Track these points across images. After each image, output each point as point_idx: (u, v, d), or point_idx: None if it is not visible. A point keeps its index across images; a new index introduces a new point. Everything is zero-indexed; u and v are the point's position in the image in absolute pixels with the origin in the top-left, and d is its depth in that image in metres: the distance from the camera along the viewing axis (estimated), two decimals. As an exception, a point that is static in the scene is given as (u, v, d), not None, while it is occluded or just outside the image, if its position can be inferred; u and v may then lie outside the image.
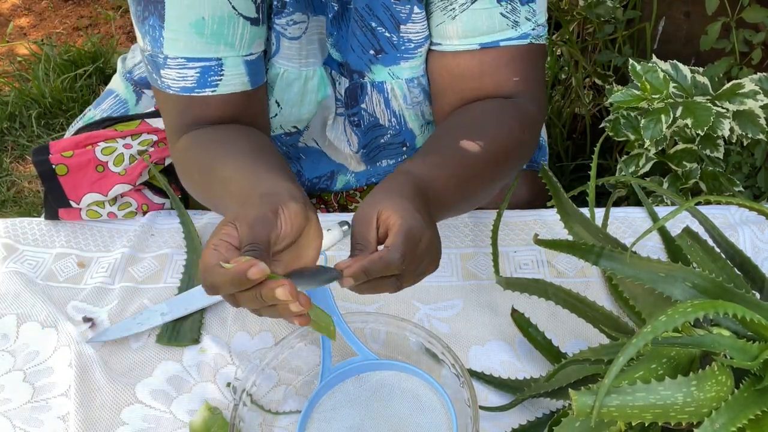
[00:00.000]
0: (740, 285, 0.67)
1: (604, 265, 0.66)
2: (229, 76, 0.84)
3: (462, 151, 0.79)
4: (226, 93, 0.84)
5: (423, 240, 0.66)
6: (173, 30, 0.80)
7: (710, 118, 1.12)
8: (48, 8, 2.81)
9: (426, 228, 0.66)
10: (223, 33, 0.81)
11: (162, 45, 0.81)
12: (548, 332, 0.82)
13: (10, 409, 0.79)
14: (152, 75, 0.86)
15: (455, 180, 0.77)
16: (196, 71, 0.82)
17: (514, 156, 0.85)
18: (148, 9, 0.80)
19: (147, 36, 0.82)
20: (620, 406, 0.52)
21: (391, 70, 0.94)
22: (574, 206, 0.79)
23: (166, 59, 0.82)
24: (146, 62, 0.86)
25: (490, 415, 0.77)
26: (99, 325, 0.88)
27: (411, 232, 0.64)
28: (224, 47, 0.82)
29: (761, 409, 0.54)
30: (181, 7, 0.79)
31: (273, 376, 0.78)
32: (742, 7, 1.39)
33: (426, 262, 0.67)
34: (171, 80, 0.83)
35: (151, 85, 0.88)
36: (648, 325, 0.52)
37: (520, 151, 0.87)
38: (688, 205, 0.60)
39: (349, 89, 0.97)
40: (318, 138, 1.04)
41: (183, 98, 0.84)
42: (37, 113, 2.27)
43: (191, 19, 0.79)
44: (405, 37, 0.90)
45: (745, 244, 0.92)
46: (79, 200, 0.97)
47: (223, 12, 0.80)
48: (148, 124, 1.03)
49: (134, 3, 0.82)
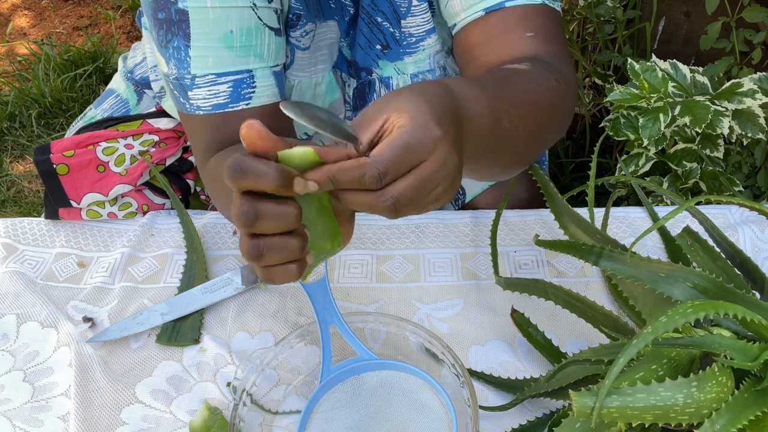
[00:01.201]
0: (740, 285, 0.67)
1: (604, 265, 0.66)
2: (261, 88, 0.82)
3: (501, 83, 0.70)
4: (259, 105, 0.82)
5: (433, 159, 0.54)
6: (201, 47, 0.79)
7: (708, 115, 1.12)
8: (48, 8, 2.81)
9: (440, 144, 0.54)
10: (252, 44, 0.80)
11: (189, 65, 0.80)
12: (548, 332, 0.82)
13: (10, 409, 0.79)
14: (179, 99, 0.83)
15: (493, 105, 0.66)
16: (228, 86, 0.81)
17: (554, 105, 0.76)
18: (171, 31, 0.79)
19: (172, 59, 0.80)
20: (620, 407, 0.52)
21: (397, 66, 0.94)
22: (568, 206, 0.79)
23: (194, 79, 0.80)
24: (171, 88, 0.83)
25: (490, 415, 0.77)
26: (99, 325, 0.88)
27: (410, 146, 0.53)
28: (254, 58, 0.81)
29: (761, 409, 0.54)
30: (208, 23, 0.77)
31: (273, 376, 0.78)
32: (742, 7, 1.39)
33: (440, 188, 0.56)
34: (201, 100, 0.81)
35: (178, 112, 0.86)
36: (648, 325, 0.52)
37: (559, 101, 0.77)
38: (688, 205, 0.60)
39: (357, 89, 0.97)
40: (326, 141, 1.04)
41: (214, 116, 0.82)
42: (37, 113, 2.28)
43: (219, 34, 0.78)
44: (406, 32, 0.90)
45: (745, 244, 0.92)
46: (80, 200, 0.97)
47: (251, 23, 0.79)
48: (149, 125, 1.03)
49: (155, 29, 0.80)
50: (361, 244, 0.97)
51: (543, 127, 0.75)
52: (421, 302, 0.89)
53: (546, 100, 0.74)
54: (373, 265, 0.94)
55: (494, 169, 0.76)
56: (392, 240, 0.97)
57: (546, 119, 0.75)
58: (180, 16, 0.77)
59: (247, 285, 0.90)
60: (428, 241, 0.97)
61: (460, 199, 1.13)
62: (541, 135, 0.76)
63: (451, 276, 0.92)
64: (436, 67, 0.96)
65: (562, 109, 0.78)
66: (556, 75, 0.77)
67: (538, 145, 0.77)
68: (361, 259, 0.95)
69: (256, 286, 0.91)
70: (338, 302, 0.79)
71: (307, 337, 0.79)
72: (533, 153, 0.77)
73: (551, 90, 0.75)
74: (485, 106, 0.64)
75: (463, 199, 1.13)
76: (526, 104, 0.71)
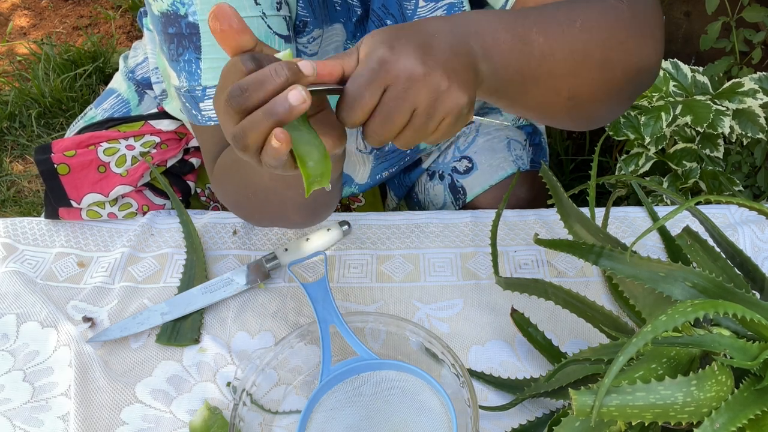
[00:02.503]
0: (740, 285, 0.67)
1: (604, 264, 0.66)
2: None
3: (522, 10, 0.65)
4: None
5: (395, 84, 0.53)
6: (212, 59, 0.79)
7: (710, 114, 1.12)
8: (48, 8, 2.81)
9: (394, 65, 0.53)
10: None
11: (200, 77, 0.80)
12: (548, 332, 0.82)
13: (10, 408, 0.80)
14: (191, 111, 0.84)
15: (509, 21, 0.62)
16: None
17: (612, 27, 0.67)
18: (182, 45, 0.79)
19: (183, 72, 0.81)
20: (620, 406, 0.52)
21: None
22: (574, 206, 0.79)
23: (205, 90, 0.81)
24: (183, 100, 0.84)
25: (490, 415, 0.77)
26: (99, 324, 0.88)
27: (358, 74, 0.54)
28: None
29: (761, 408, 0.54)
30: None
31: (273, 375, 0.78)
32: (742, 7, 1.39)
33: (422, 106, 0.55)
34: (212, 111, 0.82)
35: (189, 123, 0.86)
36: (648, 324, 0.52)
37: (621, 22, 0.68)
38: (688, 205, 0.60)
39: None
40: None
41: None
42: (37, 113, 2.28)
43: None
44: None
45: (745, 243, 0.92)
46: (80, 200, 0.97)
47: (260, 32, 0.80)
48: (151, 126, 1.03)
49: (166, 44, 0.81)
50: (361, 244, 0.97)
51: (603, 52, 0.66)
52: (421, 302, 0.89)
53: (596, 19, 0.66)
54: (373, 265, 0.94)
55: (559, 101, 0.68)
56: (392, 240, 0.97)
57: (603, 42, 0.66)
58: (191, 29, 0.78)
59: (249, 284, 0.90)
60: (428, 240, 0.97)
61: (461, 199, 1.13)
62: (607, 61, 0.67)
63: (451, 276, 0.92)
64: None
65: (629, 29, 0.68)
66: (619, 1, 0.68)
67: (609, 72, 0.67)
68: (361, 259, 0.95)
69: (256, 286, 0.91)
70: (338, 302, 0.79)
71: (307, 337, 0.79)
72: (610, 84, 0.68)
73: (607, 10, 0.66)
74: (498, 22, 0.61)
75: (464, 199, 1.13)
76: (563, 23, 0.64)
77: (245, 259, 0.95)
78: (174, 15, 0.77)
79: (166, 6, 0.77)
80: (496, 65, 0.60)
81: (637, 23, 0.69)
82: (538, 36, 0.62)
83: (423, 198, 1.16)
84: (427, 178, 1.13)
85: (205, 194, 1.16)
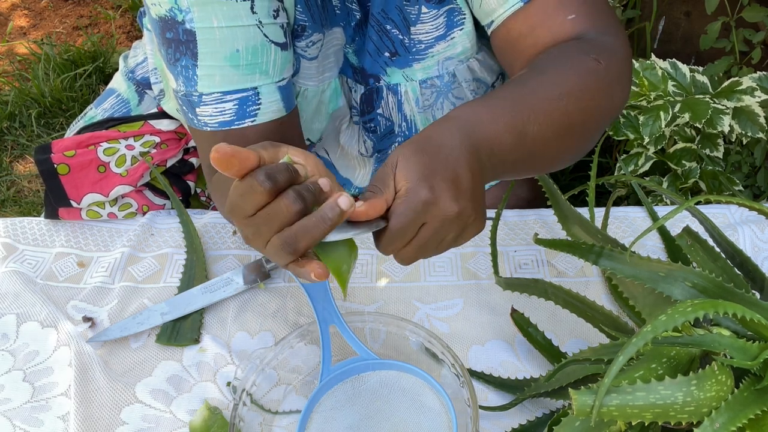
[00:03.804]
0: (740, 285, 0.67)
1: (603, 264, 0.66)
2: (266, 104, 0.82)
3: (517, 87, 0.70)
4: (264, 122, 0.83)
5: (430, 223, 0.59)
6: (208, 66, 0.79)
7: (708, 111, 1.12)
8: (48, 8, 2.81)
9: (433, 206, 0.59)
10: (258, 62, 0.80)
11: (196, 83, 0.80)
12: (548, 332, 0.82)
13: (10, 408, 0.80)
14: (187, 115, 0.84)
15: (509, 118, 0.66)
16: (234, 104, 0.81)
17: (592, 89, 0.73)
18: (179, 50, 0.79)
19: (180, 77, 0.81)
20: (620, 406, 0.52)
21: (405, 73, 0.94)
22: (572, 208, 0.79)
23: (201, 96, 0.81)
24: (180, 102, 0.84)
25: (490, 415, 0.77)
26: (99, 324, 0.88)
27: (405, 226, 0.59)
28: (260, 75, 0.81)
29: (761, 408, 0.54)
30: (215, 42, 0.78)
31: (273, 375, 0.78)
32: (742, 7, 1.39)
33: (451, 235, 0.61)
34: (208, 117, 0.82)
35: (187, 125, 0.86)
36: (648, 324, 0.52)
37: (599, 83, 0.73)
38: (688, 205, 0.60)
39: (364, 95, 0.97)
40: (330, 147, 1.04)
41: (221, 133, 0.82)
42: (37, 113, 2.28)
43: (226, 53, 0.78)
44: (415, 39, 0.91)
45: (745, 243, 0.92)
46: (80, 200, 0.97)
47: (256, 41, 0.79)
48: (151, 126, 1.03)
49: (164, 47, 0.81)
50: (361, 243, 0.97)
51: (582, 117, 0.72)
52: (421, 302, 0.89)
53: (579, 88, 0.71)
54: (373, 265, 0.94)
55: (540, 169, 0.75)
56: (392, 240, 0.97)
57: (583, 108, 0.72)
58: (187, 36, 0.78)
59: (248, 284, 0.90)
60: (428, 240, 0.97)
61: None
62: (584, 123, 0.73)
63: (451, 276, 0.92)
64: (444, 73, 0.96)
65: (605, 89, 0.74)
66: (596, 54, 0.74)
67: (584, 133, 0.73)
68: (361, 259, 0.95)
69: (256, 286, 0.91)
70: (338, 302, 0.79)
71: (307, 336, 0.79)
72: (581, 143, 0.75)
73: (588, 74, 0.72)
74: (502, 125, 0.65)
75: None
76: (552, 101, 0.69)
77: (245, 259, 0.95)
78: (171, 21, 0.77)
79: (164, 11, 0.77)
80: (497, 164, 0.66)
81: (612, 81, 0.75)
82: (533, 126, 0.67)
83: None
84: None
85: (205, 194, 1.15)
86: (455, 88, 0.98)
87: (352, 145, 1.03)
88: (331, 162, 1.06)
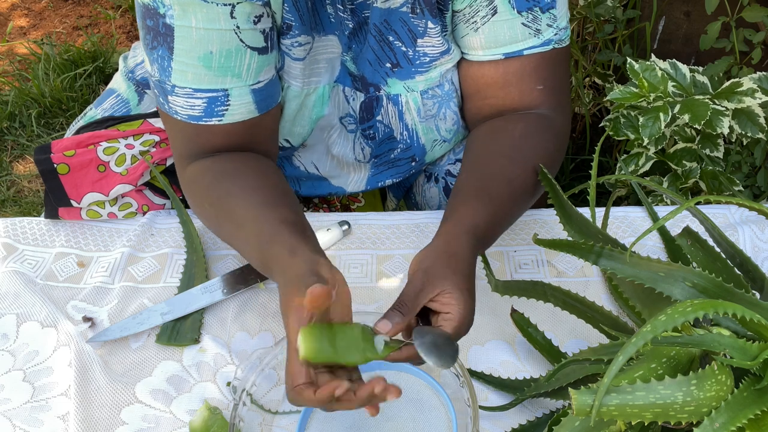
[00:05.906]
0: (740, 285, 0.67)
1: (603, 264, 0.66)
2: (235, 106, 0.84)
3: (507, 188, 0.82)
4: (231, 122, 0.84)
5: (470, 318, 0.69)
6: (181, 62, 0.80)
7: (707, 112, 1.12)
8: (48, 8, 2.81)
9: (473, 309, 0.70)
10: (230, 66, 0.82)
11: (170, 75, 0.82)
12: (548, 332, 0.82)
13: (10, 408, 0.80)
14: (159, 99, 0.86)
15: (502, 216, 0.80)
16: (203, 101, 0.83)
17: (547, 167, 0.87)
18: (157, 40, 0.80)
19: (155, 63, 0.83)
20: (620, 406, 0.52)
21: (407, 84, 0.94)
22: (574, 208, 0.78)
23: (174, 87, 0.82)
24: (153, 86, 0.86)
25: (490, 415, 0.77)
26: (99, 324, 0.88)
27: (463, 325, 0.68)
28: (231, 78, 0.82)
29: (761, 408, 0.54)
30: (191, 41, 0.79)
31: (273, 376, 0.78)
32: (742, 7, 1.39)
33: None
34: (179, 107, 0.83)
35: (159, 108, 0.88)
36: (648, 324, 0.52)
37: (553, 162, 0.88)
38: (688, 205, 0.60)
39: (364, 103, 0.97)
40: (319, 161, 1.04)
41: (190, 126, 0.84)
42: (37, 113, 2.28)
43: (200, 53, 0.80)
44: (421, 51, 0.91)
45: (745, 243, 0.92)
46: (80, 200, 0.97)
47: (231, 46, 0.81)
48: (150, 125, 1.02)
49: (143, 31, 0.82)
50: (361, 244, 0.97)
51: (538, 192, 0.86)
52: (421, 302, 0.89)
53: (539, 168, 0.84)
54: (373, 264, 0.94)
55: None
56: (392, 240, 0.97)
57: (539, 183, 0.85)
58: (166, 30, 0.79)
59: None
60: (428, 240, 0.96)
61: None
62: (538, 192, 0.87)
63: (451, 276, 0.92)
64: (444, 81, 0.96)
65: (555, 164, 0.89)
66: (553, 134, 0.88)
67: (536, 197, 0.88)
68: (361, 258, 0.95)
69: (256, 286, 0.91)
70: (338, 302, 0.79)
71: (307, 336, 0.79)
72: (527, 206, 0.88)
73: (546, 156, 0.86)
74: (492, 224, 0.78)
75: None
76: (527, 189, 0.83)
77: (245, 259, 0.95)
78: (153, 11, 0.79)
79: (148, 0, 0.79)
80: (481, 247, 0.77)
81: (559, 156, 0.90)
82: (509, 214, 0.82)
83: (420, 199, 1.16)
84: (425, 179, 1.13)
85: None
86: (457, 96, 0.98)
87: (346, 153, 1.03)
88: (321, 176, 1.06)
